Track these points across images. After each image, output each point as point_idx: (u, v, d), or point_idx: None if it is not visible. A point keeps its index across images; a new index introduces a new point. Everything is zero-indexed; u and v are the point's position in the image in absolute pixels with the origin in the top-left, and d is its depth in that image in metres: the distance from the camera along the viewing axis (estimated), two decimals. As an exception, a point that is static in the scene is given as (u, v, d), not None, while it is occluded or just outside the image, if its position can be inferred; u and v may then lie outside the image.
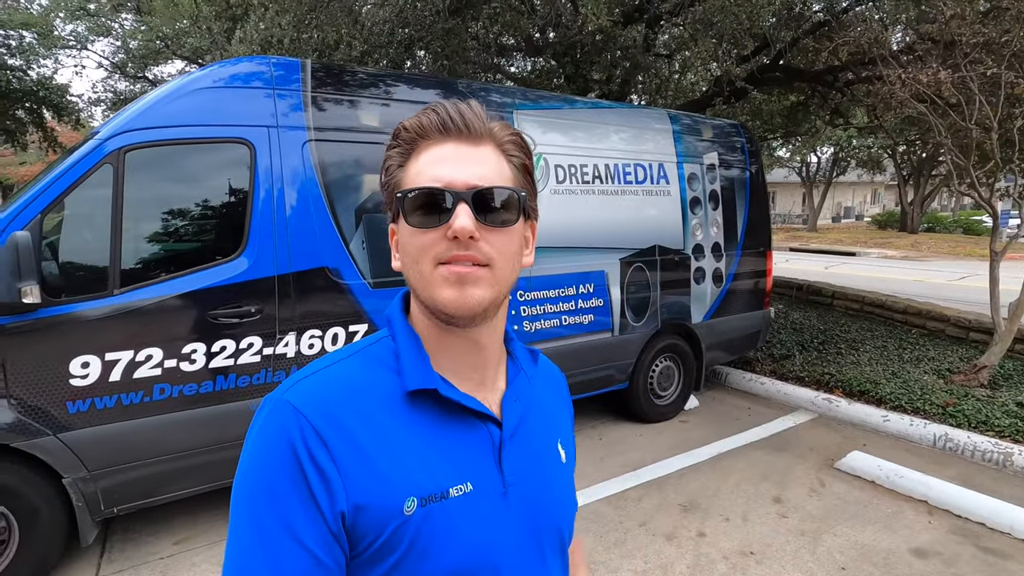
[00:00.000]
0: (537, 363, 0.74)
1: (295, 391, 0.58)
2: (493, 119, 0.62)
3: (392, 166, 0.61)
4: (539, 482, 0.65)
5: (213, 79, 2.71)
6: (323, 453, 0.54)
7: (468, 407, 0.61)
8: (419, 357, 0.61)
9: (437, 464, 0.58)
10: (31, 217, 2.23)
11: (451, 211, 0.55)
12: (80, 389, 2.33)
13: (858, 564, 2.62)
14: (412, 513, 0.55)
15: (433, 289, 0.56)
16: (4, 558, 2.28)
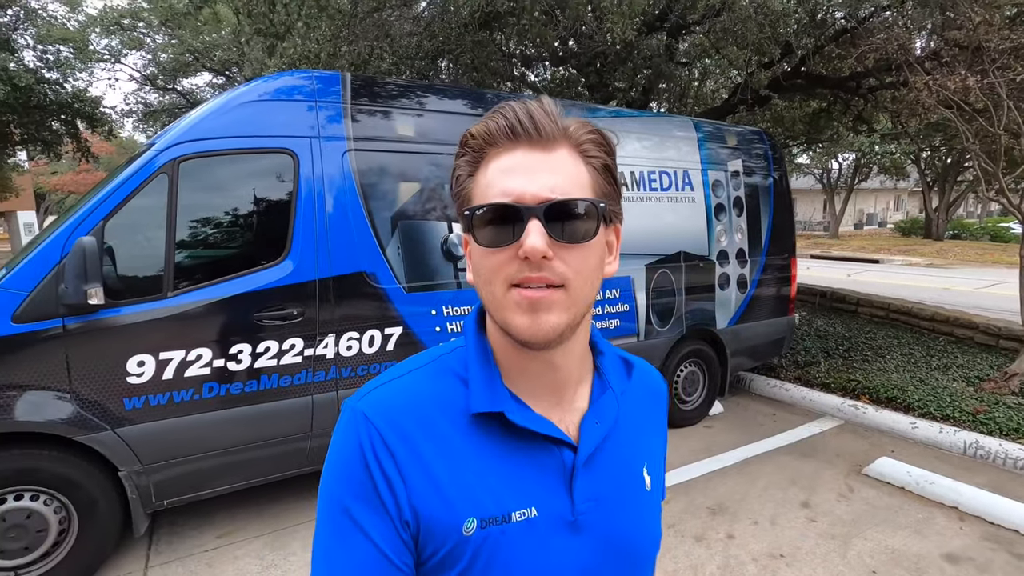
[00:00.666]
0: (631, 376, 0.69)
1: (367, 400, 0.58)
2: (570, 117, 0.57)
3: (462, 176, 0.58)
4: (616, 511, 0.61)
5: (259, 93, 2.84)
6: (390, 461, 0.55)
7: (537, 432, 0.58)
8: (488, 376, 0.59)
9: (501, 487, 0.56)
10: (95, 223, 2.37)
11: (523, 228, 0.52)
12: (136, 386, 2.45)
13: (889, 568, 2.63)
14: (472, 534, 0.54)
15: (505, 313, 0.54)
16: (64, 546, 2.40)
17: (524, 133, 0.54)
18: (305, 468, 2.94)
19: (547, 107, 0.55)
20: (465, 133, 0.57)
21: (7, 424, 2.24)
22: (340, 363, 2.90)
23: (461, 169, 0.58)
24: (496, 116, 0.55)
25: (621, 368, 0.68)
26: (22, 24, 13.80)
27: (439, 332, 3.15)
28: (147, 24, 13.92)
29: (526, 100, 0.56)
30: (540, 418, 0.59)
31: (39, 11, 14.08)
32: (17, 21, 13.72)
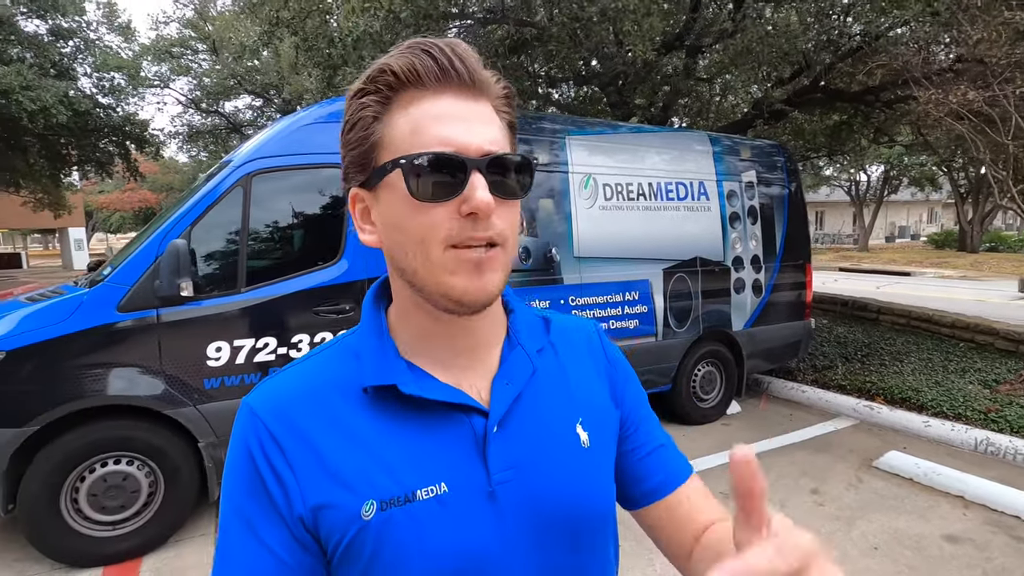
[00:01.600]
0: (550, 330, 0.65)
1: (255, 393, 0.56)
2: (484, 66, 0.52)
3: (366, 117, 0.51)
4: (543, 476, 0.56)
5: (315, 117, 3.25)
6: (278, 455, 0.52)
7: (437, 400, 0.54)
8: (380, 349, 0.56)
9: (402, 464, 0.52)
10: (184, 228, 2.79)
11: (464, 183, 0.48)
12: (214, 369, 2.84)
13: (890, 545, 2.82)
14: (371, 517, 0.50)
15: (443, 275, 0.50)
16: (152, 506, 2.78)
17: (456, 77, 0.49)
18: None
19: (470, 51, 0.51)
20: (376, 68, 0.51)
21: (110, 398, 2.65)
22: (385, 354, 3.25)
23: (367, 110, 0.51)
24: (419, 53, 0.49)
25: (538, 324, 0.64)
26: (81, 54, 14.87)
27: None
28: (194, 51, 14.85)
29: (446, 39, 0.51)
30: (441, 385, 0.55)
31: (96, 42, 15.15)
32: (77, 52, 14.79)
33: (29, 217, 22.88)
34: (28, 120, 11.67)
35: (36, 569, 2.66)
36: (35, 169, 15.33)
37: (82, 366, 2.61)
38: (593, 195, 3.99)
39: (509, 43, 4.59)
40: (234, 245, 2.92)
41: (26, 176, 15.54)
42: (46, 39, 14.09)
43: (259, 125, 17.04)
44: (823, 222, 37.77)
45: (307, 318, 3.04)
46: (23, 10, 13.52)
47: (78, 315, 2.62)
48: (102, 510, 2.68)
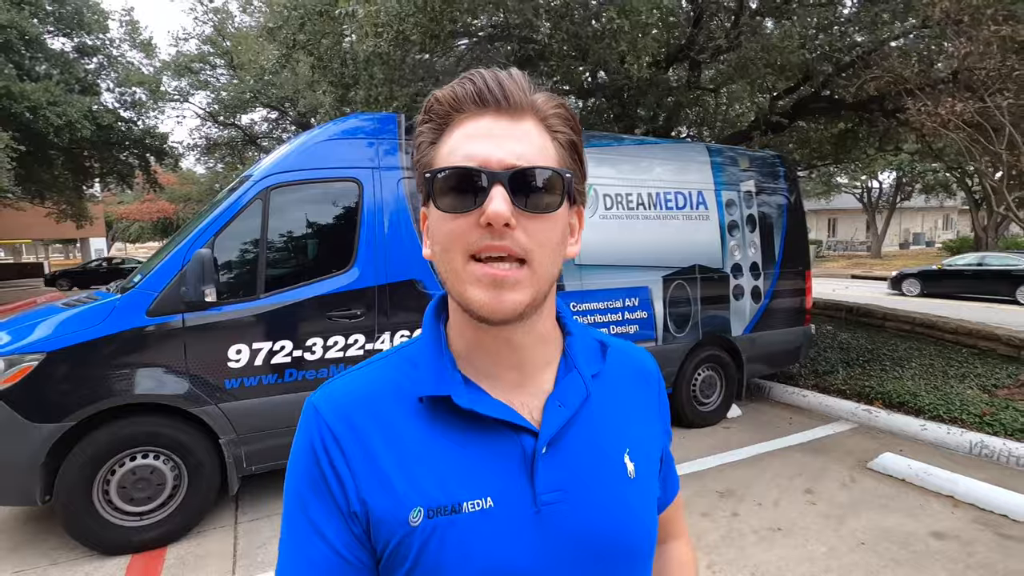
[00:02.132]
0: (607, 357, 0.65)
1: (320, 393, 0.59)
2: (538, 89, 0.55)
3: (423, 143, 0.56)
4: (590, 502, 0.57)
5: (330, 134, 3.46)
6: (338, 454, 0.55)
7: (489, 416, 0.55)
8: (438, 359, 0.58)
9: (450, 475, 0.54)
10: (208, 238, 3.00)
11: (486, 194, 0.50)
12: (235, 370, 3.04)
13: (877, 540, 2.93)
14: (418, 524, 0.52)
15: (464, 287, 0.52)
16: (176, 499, 2.98)
17: (492, 100, 0.52)
18: (364, 446, 3.45)
19: (516, 77, 0.54)
20: (430, 98, 0.55)
21: (139, 396, 2.85)
22: (394, 357, 3.43)
23: (424, 136, 0.56)
24: (464, 82, 0.53)
25: (595, 349, 0.65)
26: (104, 71, 15.39)
27: (477, 332, 3.65)
28: (213, 67, 15.30)
29: (496, 69, 0.55)
30: (493, 401, 0.56)
31: (119, 58, 15.68)
32: (100, 68, 15.32)
33: (52, 227, 23.57)
34: (54, 134, 12.13)
35: (69, 556, 2.86)
36: (59, 181, 15.86)
37: (114, 367, 2.82)
38: (593, 205, 4.15)
39: (514, 59, 4.79)
40: (254, 254, 3.13)
41: (50, 188, 16.08)
42: (71, 56, 14.63)
43: (274, 136, 17.44)
44: (836, 229, 37.54)
45: (321, 323, 3.23)
46: (50, 29, 14.07)
47: (111, 319, 2.83)
48: (131, 501, 2.88)
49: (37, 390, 2.69)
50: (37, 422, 2.67)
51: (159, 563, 2.81)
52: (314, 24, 3.73)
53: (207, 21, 15.02)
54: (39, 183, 15.33)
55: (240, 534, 3.08)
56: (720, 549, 2.88)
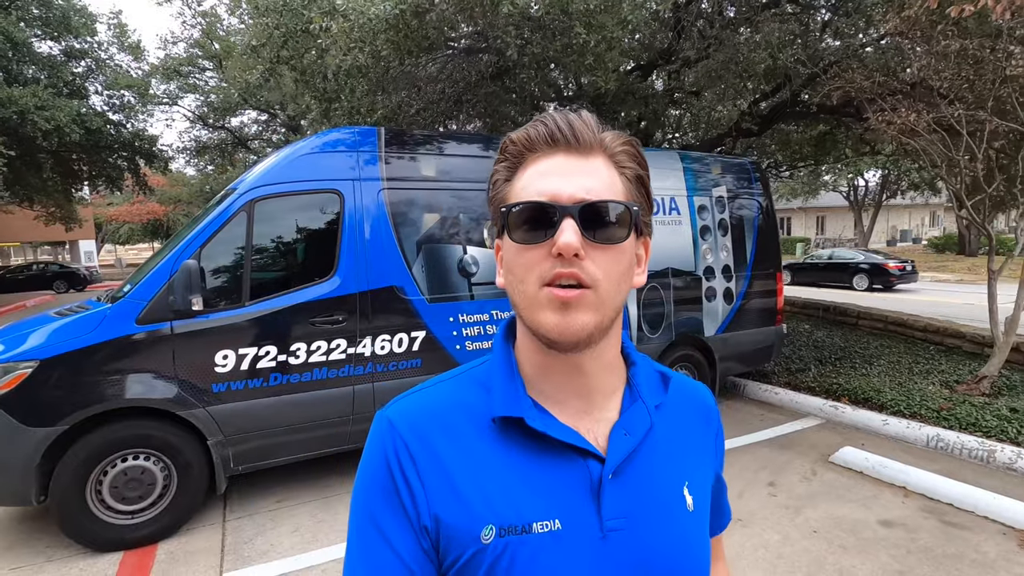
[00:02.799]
0: (668, 389, 0.67)
1: (394, 407, 0.61)
2: (606, 128, 0.59)
3: (499, 180, 0.60)
4: (653, 529, 0.58)
5: (312, 147, 3.61)
6: (411, 467, 0.56)
7: (559, 440, 0.57)
8: (510, 382, 0.60)
9: (522, 495, 0.56)
10: (194, 250, 3.15)
11: (556, 227, 0.53)
12: (221, 375, 3.19)
13: (828, 528, 3.13)
14: (490, 542, 0.54)
15: (536, 311, 0.55)
16: (166, 498, 3.12)
17: (563, 140, 0.56)
18: (347, 446, 3.62)
19: (585, 118, 0.58)
20: (505, 139, 0.60)
21: (130, 401, 2.99)
22: (376, 360, 3.59)
23: (499, 174, 0.60)
24: (537, 124, 0.57)
25: (656, 380, 0.67)
26: (92, 74, 15.40)
27: (456, 336, 3.82)
28: (202, 70, 15.35)
29: (567, 111, 0.59)
30: (563, 426, 0.58)
31: (107, 61, 15.68)
32: (89, 71, 15.32)
33: (41, 230, 23.51)
34: (43, 138, 12.15)
35: (64, 554, 3.00)
36: (48, 184, 15.83)
37: (106, 372, 2.96)
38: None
39: (492, 70, 4.96)
40: (239, 264, 3.28)
41: (39, 191, 16.06)
42: (59, 59, 14.63)
43: (264, 139, 17.51)
44: (824, 227, 37.96)
45: (304, 328, 3.38)
46: (38, 33, 14.07)
47: (102, 328, 2.98)
48: (123, 500, 3.02)
49: (32, 396, 2.83)
50: (32, 426, 2.81)
51: (150, 559, 2.96)
52: (296, 40, 3.87)
53: (195, 25, 15.06)
54: (28, 187, 15.33)
55: (228, 531, 3.23)
56: (682, 539, 3.06)
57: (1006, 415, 4.25)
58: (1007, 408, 4.36)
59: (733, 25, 5.38)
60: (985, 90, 4.29)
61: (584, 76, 4.40)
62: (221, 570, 2.84)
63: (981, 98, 4.21)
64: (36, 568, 2.89)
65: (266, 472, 3.73)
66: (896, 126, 4.41)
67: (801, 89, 5.65)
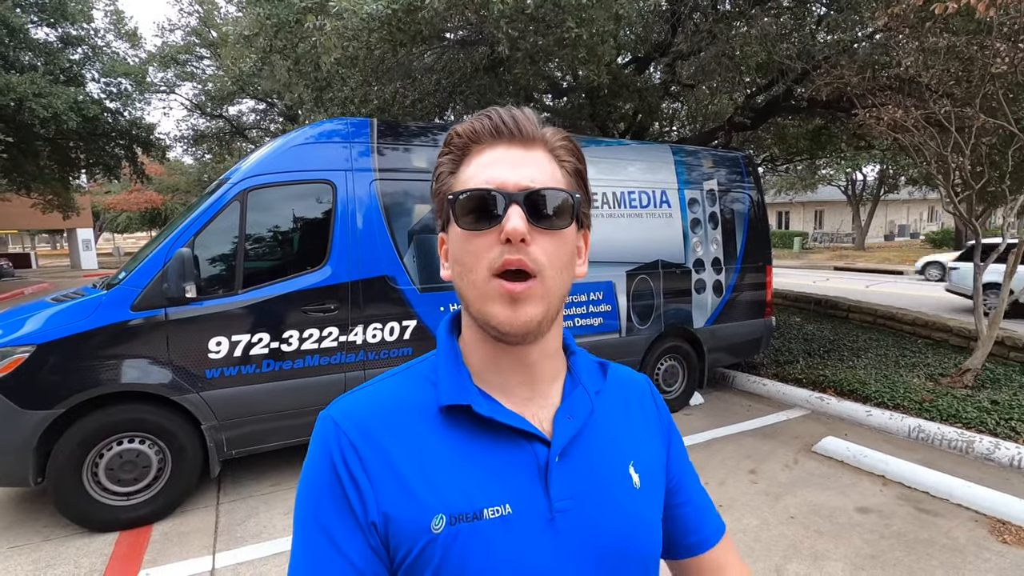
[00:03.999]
0: (607, 376, 0.70)
1: (337, 406, 0.61)
2: (546, 124, 0.61)
3: (443, 173, 0.61)
4: (600, 508, 0.60)
5: (306, 137, 3.66)
6: (357, 464, 0.56)
7: (508, 424, 0.58)
8: (456, 372, 0.61)
9: (471, 483, 0.56)
10: (188, 238, 3.20)
11: (503, 214, 0.55)
12: (215, 361, 3.25)
13: (806, 515, 3.21)
14: (440, 531, 0.54)
15: (485, 304, 0.56)
16: (160, 480, 3.20)
17: (507, 132, 0.58)
18: (339, 432, 3.68)
19: (528, 113, 0.59)
20: (450, 132, 0.61)
21: (125, 385, 3.06)
22: (367, 348, 3.65)
23: (443, 167, 0.61)
24: (481, 118, 0.59)
25: (595, 368, 0.69)
26: (89, 61, 15.33)
27: (446, 325, 3.88)
28: (199, 58, 15.29)
29: (509, 107, 0.60)
30: (509, 411, 0.59)
31: (104, 48, 15.62)
32: (85, 58, 15.26)
33: (38, 218, 23.48)
34: (40, 126, 12.14)
35: (61, 533, 3.08)
36: (45, 172, 15.84)
37: (101, 357, 3.02)
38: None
39: (486, 62, 4.99)
40: (232, 252, 3.33)
41: (36, 179, 16.05)
42: (56, 46, 14.57)
43: (262, 128, 17.47)
44: (822, 221, 37.99)
45: (296, 316, 3.45)
46: (34, 19, 14.00)
47: (98, 313, 3.04)
48: (118, 483, 3.10)
49: (29, 379, 2.90)
50: (29, 409, 2.88)
51: (145, 539, 3.04)
52: (288, 31, 3.90)
53: (192, 12, 14.98)
54: (25, 174, 15.31)
55: (221, 513, 3.31)
56: (663, 523, 3.15)
57: (986, 407, 4.33)
58: (988, 400, 4.45)
59: (727, 19, 5.40)
60: (973, 87, 4.33)
61: (580, 69, 4.44)
62: (214, 550, 2.93)
63: (969, 95, 4.25)
64: (34, 547, 2.97)
65: (260, 456, 3.81)
66: (885, 122, 4.45)
67: (795, 84, 5.69)
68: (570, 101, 7.42)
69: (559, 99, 7.03)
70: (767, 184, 23.22)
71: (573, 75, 5.40)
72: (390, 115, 5.57)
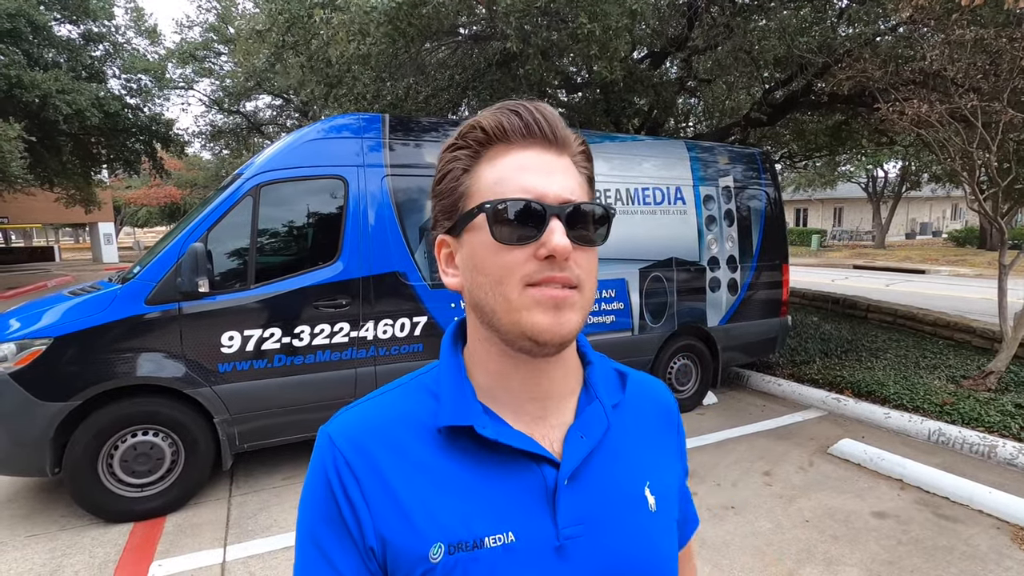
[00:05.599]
0: (626, 387, 0.65)
1: (335, 422, 0.58)
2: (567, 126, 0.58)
3: (455, 169, 0.56)
4: (611, 535, 0.56)
5: (317, 133, 3.66)
6: (354, 486, 0.54)
7: (512, 446, 0.55)
8: (459, 390, 0.57)
9: (472, 509, 0.53)
10: (201, 233, 3.23)
11: (543, 227, 0.51)
12: (227, 355, 3.28)
13: (821, 518, 3.15)
14: (438, 561, 0.51)
15: (521, 314, 0.52)
16: (174, 473, 3.24)
17: (540, 134, 0.54)
18: (349, 427, 3.70)
19: (554, 112, 0.56)
20: (469, 124, 0.56)
21: (139, 378, 3.10)
22: (378, 344, 3.66)
23: (457, 163, 0.56)
24: (508, 113, 0.54)
25: (614, 379, 0.65)
26: (110, 58, 15.58)
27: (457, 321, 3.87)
28: (217, 54, 15.45)
29: (533, 101, 0.56)
30: (515, 432, 0.56)
31: (124, 45, 15.86)
32: (107, 55, 15.51)
33: (61, 212, 23.97)
34: (64, 122, 12.37)
35: (77, 523, 3.14)
36: (68, 167, 16.16)
37: (116, 351, 3.06)
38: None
39: (498, 57, 4.96)
40: (245, 247, 3.35)
41: (59, 174, 16.38)
42: (78, 43, 14.83)
43: (279, 123, 17.61)
44: (841, 219, 37.35)
45: (308, 312, 3.46)
46: (57, 16, 14.25)
47: (113, 307, 3.08)
48: (132, 474, 3.14)
49: (46, 372, 2.94)
50: (46, 401, 2.93)
51: (158, 530, 3.08)
52: (300, 27, 3.91)
53: (210, 9, 15.13)
54: (48, 169, 15.62)
55: (233, 506, 3.34)
56: (673, 524, 3.11)
57: (1010, 411, 4.21)
58: (1012, 404, 4.33)
59: (745, 12, 5.30)
60: (1001, 81, 4.20)
61: (593, 64, 4.40)
62: (225, 542, 2.95)
63: (997, 89, 4.12)
64: (51, 536, 3.02)
65: (274, 450, 3.84)
66: (908, 117, 4.34)
67: (815, 78, 5.57)
68: (584, 96, 7.36)
69: (573, 94, 6.97)
70: (785, 181, 22.89)
71: (588, 70, 5.34)
72: (403, 111, 5.57)
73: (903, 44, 4.52)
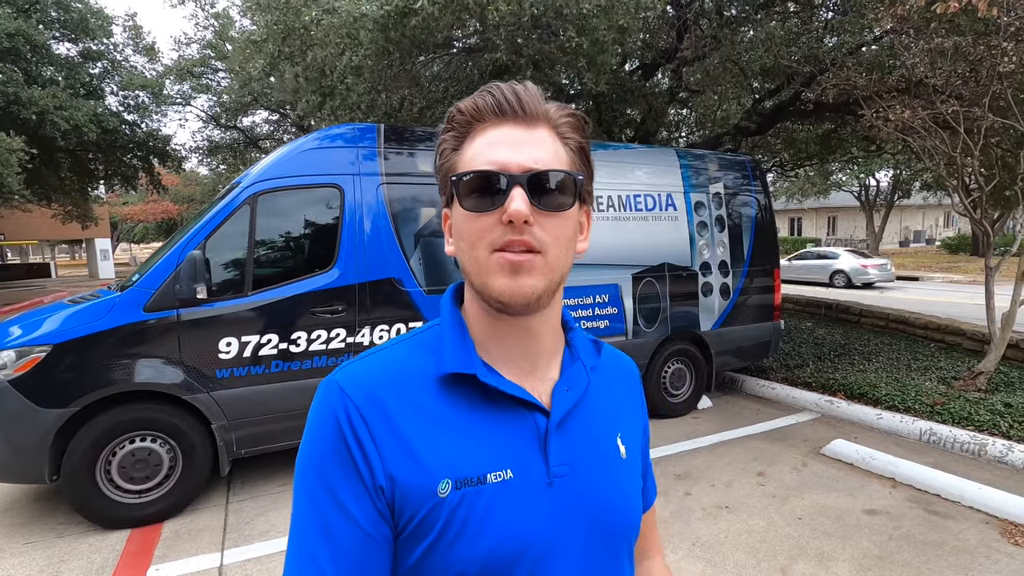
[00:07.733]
0: (601, 354, 0.72)
1: (343, 372, 0.61)
2: (549, 101, 0.61)
3: (446, 150, 0.61)
4: (593, 476, 0.63)
5: (313, 143, 3.73)
6: (364, 429, 0.57)
7: (510, 394, 0.60)
8: (461, 343, 0.62)
9: (475, 449, 0.58)
10: (200, 241, 3.28)
11: (506, 195, 0.55)
12: (225, 361, 3.32)
13: (813, 516, 3.19)
14: (447, 495, 0.56)
15: (487, 276, 0.57)
16: (172, 479, 3.25)
17: (510, 110, 0.58)
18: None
19: (531, 89, 0.59)
20: (452, 110, 0.61)
21: (138, 384, 3.13)
22: (374, 349, 3.69)
23: (446, 144, 0.61)
24: (484, 94, 0.59)
25: (591, 346, 0.72)
26: (108, 75, 15.72)
27: (452, 327, 3.92)
28: (214, 70, 15.62)
29: (513, 83, 0.60)
30: (511, 382, 0.61)
31: (122, 62, 16.01)
32: (105, 72, 15.65)
33: (58, 228, 24.01)
34: (61, 138, 12.44)
35: (75, 530, 3.14)
36: (65, 183, 16.22)
37: (115, 357, 3.10)
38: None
39: (491, 70, 5.07)
40: (242, 255, 3.40)
41: (57, 190, 16.43)
42: (77, 61, 14.96)
43: (275, 138, 17.74)
44: (835, 227, 37.61)
45: (305, 318, 3.50)
46: (56, 35, 14.40)
47: (112, 314, 3.12)
48: (130, 480, 3.16)
49: (45, 379, 2.97)
50: (45, 407, 2.96)
51: (156, 536, 3.09)
52: (296, 37, 3.99)
53: (208, 27, 15.32)
54: (46, 185, 15.68)
55: (230, 512, 3.36)
56: (668, 524, 3.14)
57: (999, 410, 4.27)
58: (1001, 403, 4.38)
59: (732, 24, 5.43)
60: (981, 87, 4.31)
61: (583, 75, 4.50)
62: (223, 548, 2.97)
63: (977, 95, 4.23)
64: (49, 543, 3.03)
65: (270, 456, 3.85)
66: (892, 123, 4.44)
67: (802, 88, 5.69)
68: (577, 107, 7.46)
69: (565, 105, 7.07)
70: (778, 190, 23.08)
71: (580, 81, 5.46)
72: (397, 122, 5.65)
73: (887, 53, 4.64)
